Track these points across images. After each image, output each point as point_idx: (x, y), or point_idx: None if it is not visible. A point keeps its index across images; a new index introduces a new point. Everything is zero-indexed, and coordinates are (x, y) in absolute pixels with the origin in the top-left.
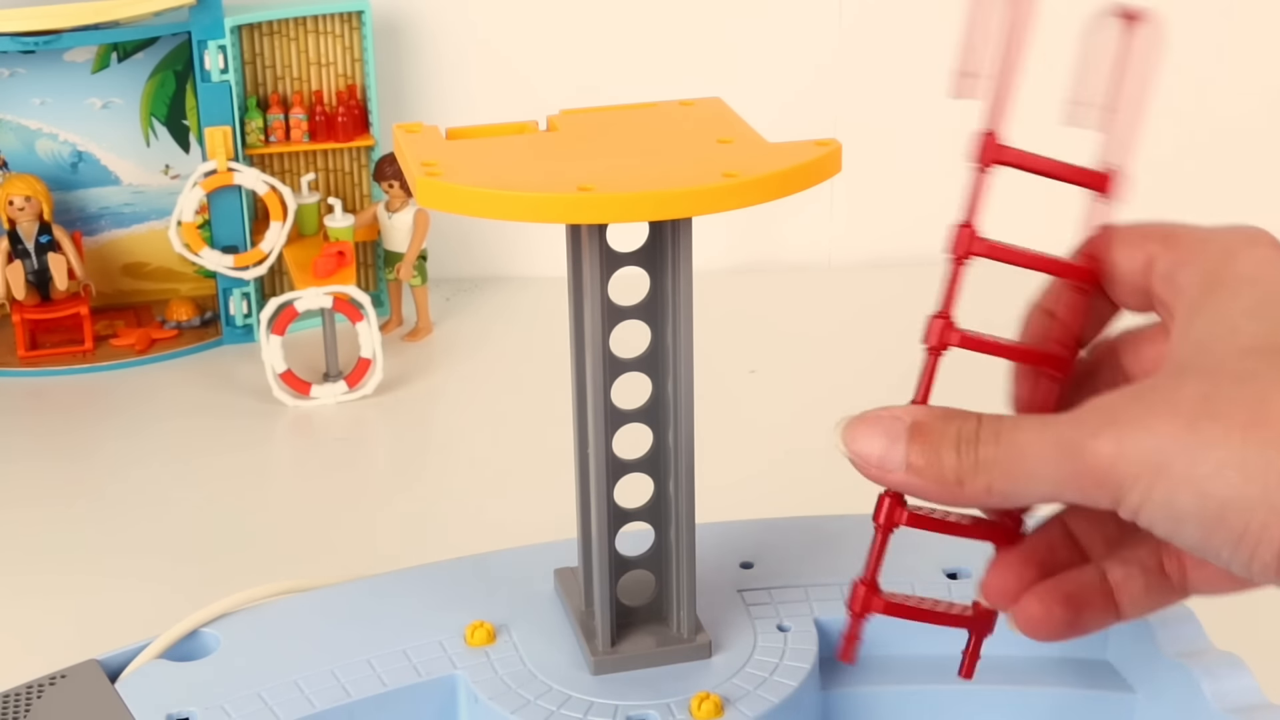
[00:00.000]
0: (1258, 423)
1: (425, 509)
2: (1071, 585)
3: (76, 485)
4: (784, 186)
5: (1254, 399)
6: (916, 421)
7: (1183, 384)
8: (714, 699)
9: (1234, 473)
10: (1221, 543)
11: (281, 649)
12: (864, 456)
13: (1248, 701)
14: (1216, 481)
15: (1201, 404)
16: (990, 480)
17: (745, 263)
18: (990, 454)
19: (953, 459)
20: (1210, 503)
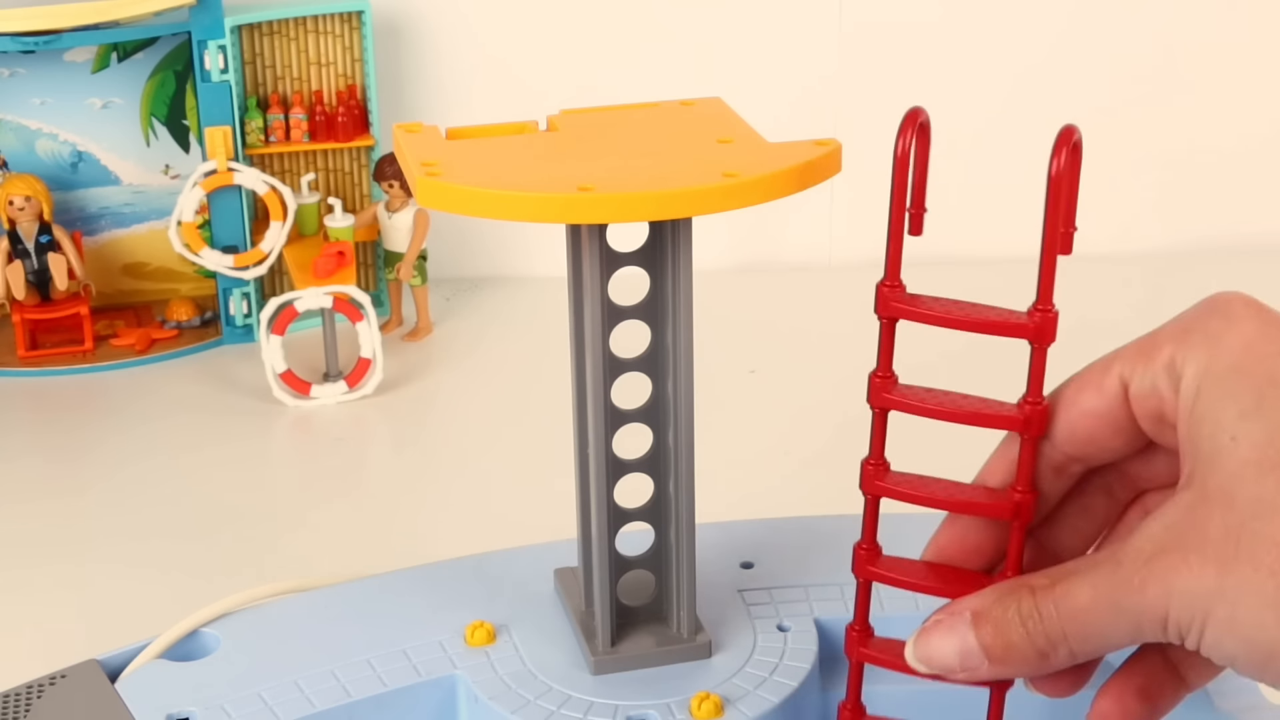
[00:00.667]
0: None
1: (425, 509)
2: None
3: (76, 485)
4: (784, 186)
5: (1276, 538)
6: (975, 611)
7: (1208, 519)
8: (714, 699)
9: (1271, 618)
10: (1275, 678)
11: (281, 649)
12: (947, 668)
13: (1248, 701)
14: (1257, 628)
15: (1229, 544)
16: (1070, 647)
17: (745, 263)
18: (1057, 628)
19: (1024, 638)
20: (1255, 649)
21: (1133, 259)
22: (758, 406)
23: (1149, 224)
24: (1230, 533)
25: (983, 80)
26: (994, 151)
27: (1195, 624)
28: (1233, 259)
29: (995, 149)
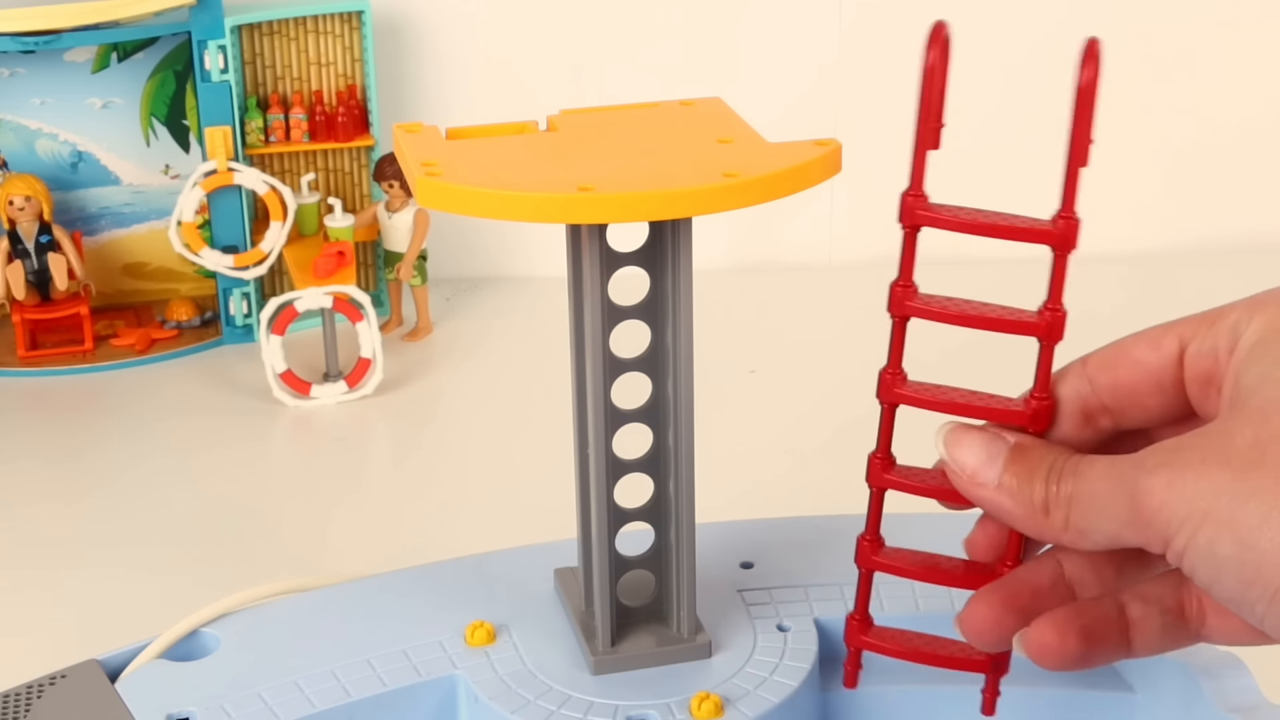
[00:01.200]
0: None
1: (425, 509)
2: (1088, 618)
3: (76, 485)
4: (784, 186)
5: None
6: (1019, 444)
7: (1237, 430)
8: (714, 699)
9: (1277, 525)
10: (1257, 596)
11: (281, 649)
12: (961, 464)
13: (1248, 701)
14: (1259, 533)
15: (1252, 452)
16: (1068, 514)
17: (745, 263)
18: (1069, 488)
19: (1041, 488)
20: (1250, 554)
21: (1133, 258)
22: (758, 406)
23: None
24: (1257, 445)
25: (982, 81)
26: (994, 151)
27: (1190, 522)
28: (1234, 257)
29: (995, 149)
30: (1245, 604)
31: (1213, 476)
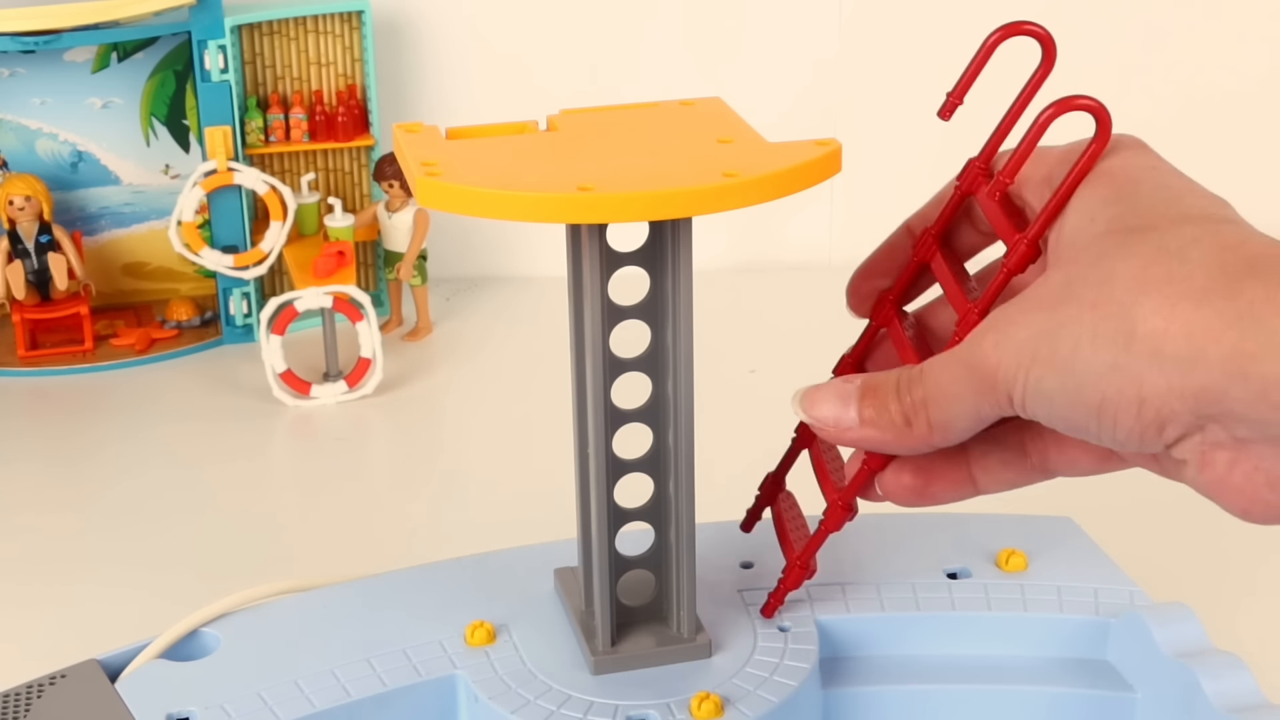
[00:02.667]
0: (1105, 298)
1: (425, 509)
2: (924, 457)
3: (76, 485)
4: (784, 186)
5: (1102, 277)
6: (866, 382)
7: (1050, 274)
8: (714, 699)
9: (1087, 345)
10: (1085, 416)
11: (281, 649)
12: (822, 419)
13: (1248, 701)
14: (1074, 359)
15: (1063, 290)
16: (928, 414)
17: (745, 263)
18: (920, 392)
19: (896, 405)
20: (1070, 379)
21: None
22: (758, 406)
23: None
24: (1066, 280)
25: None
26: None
27: (1022, 369)
28: None
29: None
30: (1080, 428)
31: (1031, 322)
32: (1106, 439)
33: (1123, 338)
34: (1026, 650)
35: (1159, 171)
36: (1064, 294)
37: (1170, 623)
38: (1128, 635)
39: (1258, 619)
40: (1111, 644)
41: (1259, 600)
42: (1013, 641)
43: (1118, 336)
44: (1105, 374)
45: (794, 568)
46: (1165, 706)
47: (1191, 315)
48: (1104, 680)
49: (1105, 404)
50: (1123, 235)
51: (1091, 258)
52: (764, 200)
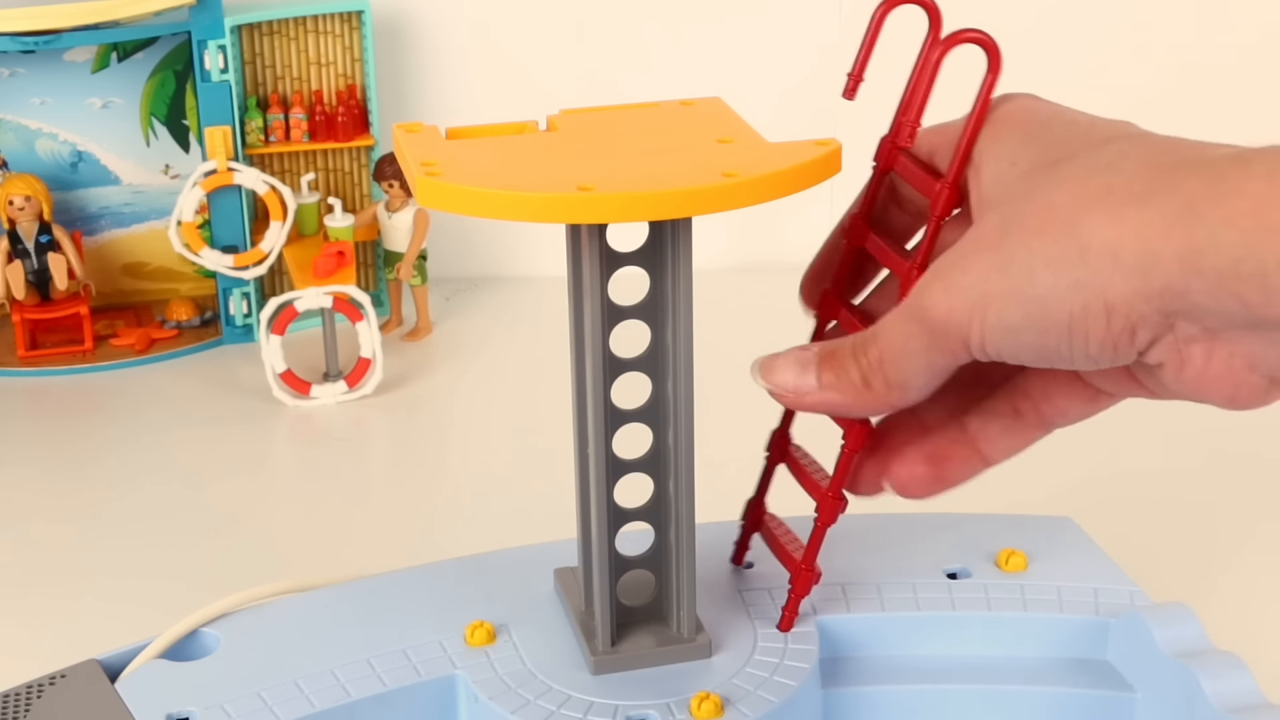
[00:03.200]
0: (1047, 223)
1: (425, 509)
2: (931, 445)
3: (76, 486)
4: (784, 186)
5: (1040, 207)
6: (824, 348)
7: (984, 219)
8: (714, 699)
9: (1042, 271)
10: (1058, 340)
11: (281, 649)
12: (781, 385)
13: (1248, 701)
14: (1030, 285)
15: (1000, 228)
16: (885, 373)
17: (745, 263)
18: (875, 352)
19: (854, 368)
20: (1034, 306)
21: None
22: (758, 406)
23: None
24: (1001, 223)
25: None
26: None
27: (976, 311)
28: None
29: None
30: (1053, 354)
31: (976, 264)
32: (1080, 358)
33: (1076, 254)
34: (1026, 650)
35: (1064, 111)
36: (1004, 230)
37: (1170, 623)
38: (1128, 635)
39: (1258, 619)
40: (1111, 644)
41: (1259, 600)
42: (1013, 641)
43: (1070, 254)
44: (1068, 293)
45: (801, 573)
46: (1165, 706)
47: (1139, 217)
48: (1104, 680)
49: (1074, 322)
50: (1049, 168)
51: (1022, 193)
52: (764, 200)
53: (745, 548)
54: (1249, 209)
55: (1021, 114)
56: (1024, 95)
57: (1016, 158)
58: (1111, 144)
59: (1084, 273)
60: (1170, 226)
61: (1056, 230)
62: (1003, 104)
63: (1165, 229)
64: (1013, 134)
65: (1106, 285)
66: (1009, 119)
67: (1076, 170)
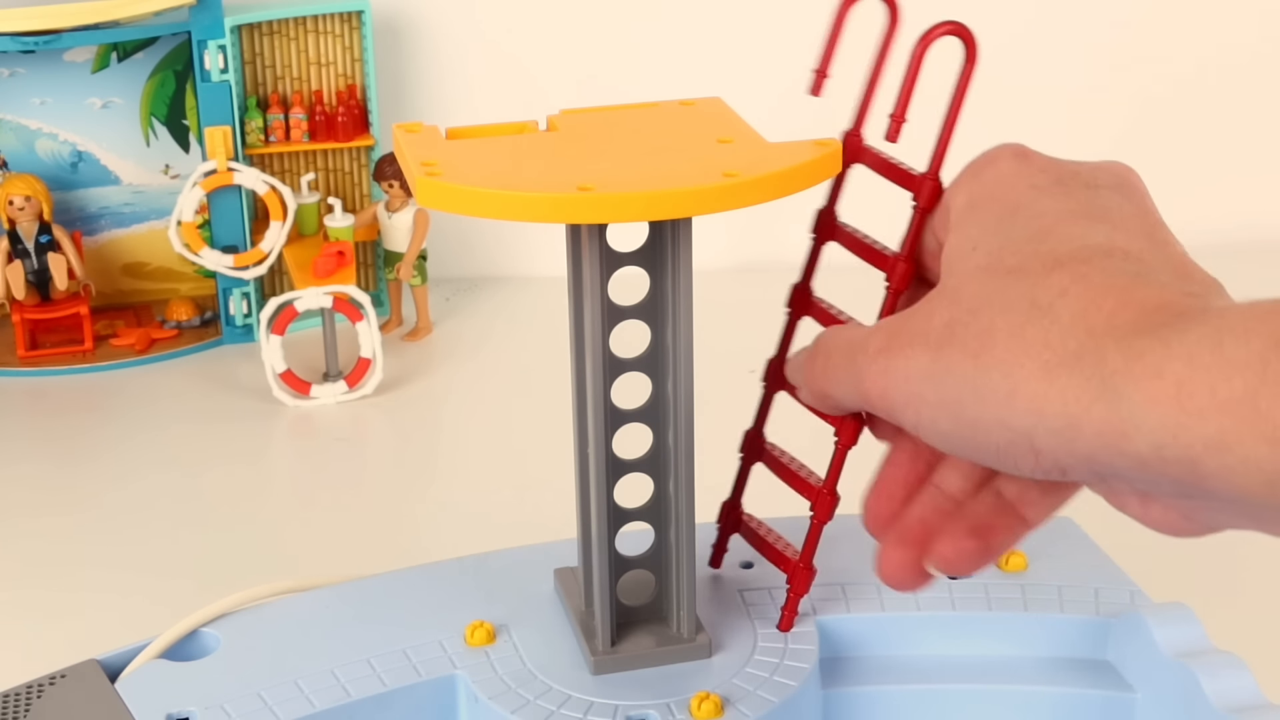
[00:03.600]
0: (984, 351)
1: (425, 509)
2: (973, 517)
3: (76, 486)
4: (784, 186)
5: (983, 328)
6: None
7: (936, 309)
8: (714, 699)
9: (972, 400)
10: (988, 455)
11: (281, 649)
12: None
13: (1248, 701)
14: (962, 407)
15: (945, 331)
16: (818, 385)
17: (745, 263)
18: (820, 364)
19: (808, 365)
20: (963, 427)
21: None
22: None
23: None
24: (949, 323)
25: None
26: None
27: (910, 406)
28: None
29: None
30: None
31: (916, 360)
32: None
33: (1005, 396)
34: (1026, 650)
35: (1039, 191)
36: (946, 336)
37: (1170, 623)
38: (1128, 635)
39: (1258, 619)
40: (1111, 644)
41: (1259, 600)
42: (1013, 641)
43: (1000, 395)
44: (995, 427)
45: (799, 572)
46: (1165, 706)
47: (1066, 383)
48: (1104, 680)
49: (1001, 451)
50: (1000, 278)
51: (971, 300)
52: (764, 200)
53: (723, 550)
54: (1170, 393)
55: (995, 194)
56: (1007, 159)
57: (978, 242)
58: (1059, 272)
59: (1010, 416)
60: (1094, 400)
61: (992, 364)
62: (985, 170)
63: (1089, 402)
64: (981, 215)
65: (1032, 434)
66: (982, 199)
67: (1021, 301)
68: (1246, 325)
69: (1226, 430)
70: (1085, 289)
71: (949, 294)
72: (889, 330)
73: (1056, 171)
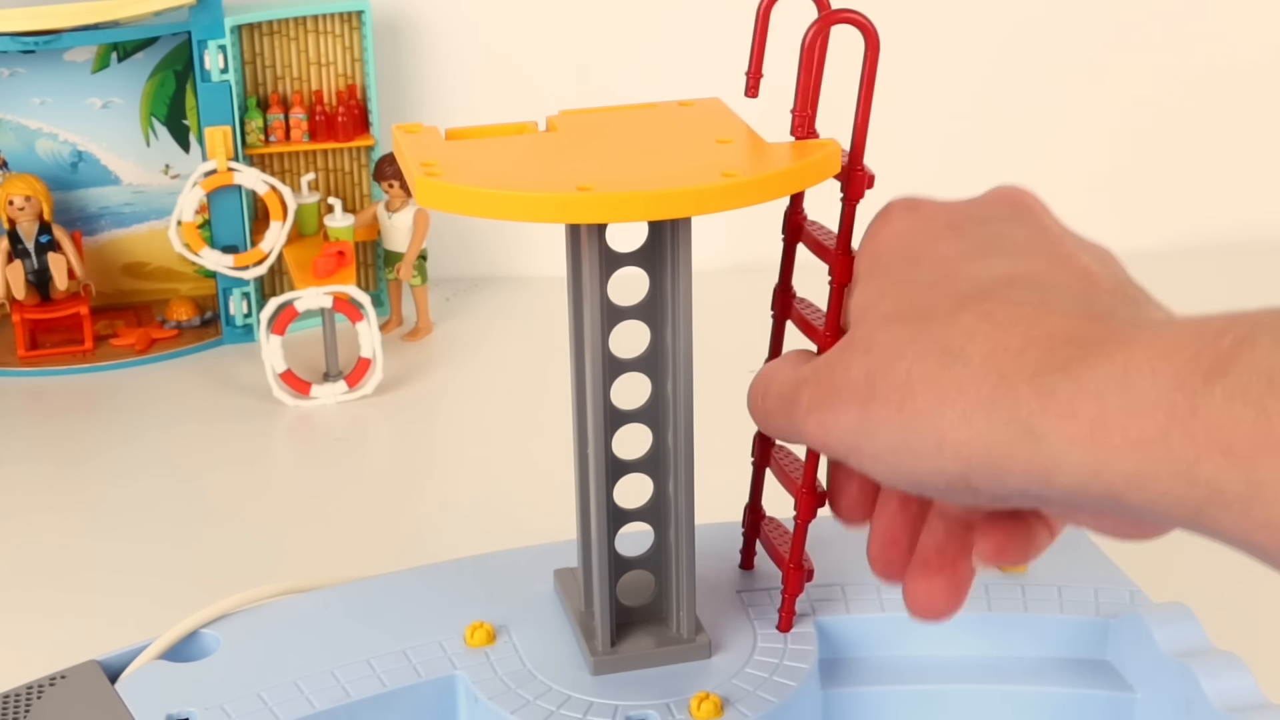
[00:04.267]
0: (908, 402)
1: (425, 509)
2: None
3: (76, 486)
4: (784, 186)
5: (901, 379)
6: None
7: (854, 361)
8: (714, 699)
9: (905, 453)
10: (934, 494)
11: (281, 649)
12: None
13: (1248, 701)
14: (897, 460)
15: (866, 386)
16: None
17: (745, 263)
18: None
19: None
20: (901, 476)
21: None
22: None
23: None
24: (867, 376)
25: (980, 81)
26: (987, 150)
27: (852, 455)
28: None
29: (988, 147)
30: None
31: (845, 416)
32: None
33: (934, 447)
34: (1026, 650)
35: (936, 239)
36: (868, 390)
37: (1170, 623)
38: (1128, 635)
39: (1258, 619)
40: (1111, 644)
41: (1259, 600)
42: (1013, 641)
43: (929, 446)
44: (931, 473)
45: (790, 572)
46: (1165, 706)
47: (986, 428)
48: (1104, 680)
49: (944, 491)
50: (910, 324)
51: (885, 350)
52: (764, 200)
53: (752, 552)
54: (1085, 433)
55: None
56: (899, 214)
57: (884, 291)
58: (965, 313)
59: (942, 463)
60: (1015, 443)
61: (915, 416)
62: (881, 230)
63: (1011, 445)
64: (885, 269)
65: (966, 475)
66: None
67: (933, 347)
68: (1152, 363)
69: (1143, 468)
70: (992, 328)
71: (861, 344)
72: (815, 384)
73: (948, 216)
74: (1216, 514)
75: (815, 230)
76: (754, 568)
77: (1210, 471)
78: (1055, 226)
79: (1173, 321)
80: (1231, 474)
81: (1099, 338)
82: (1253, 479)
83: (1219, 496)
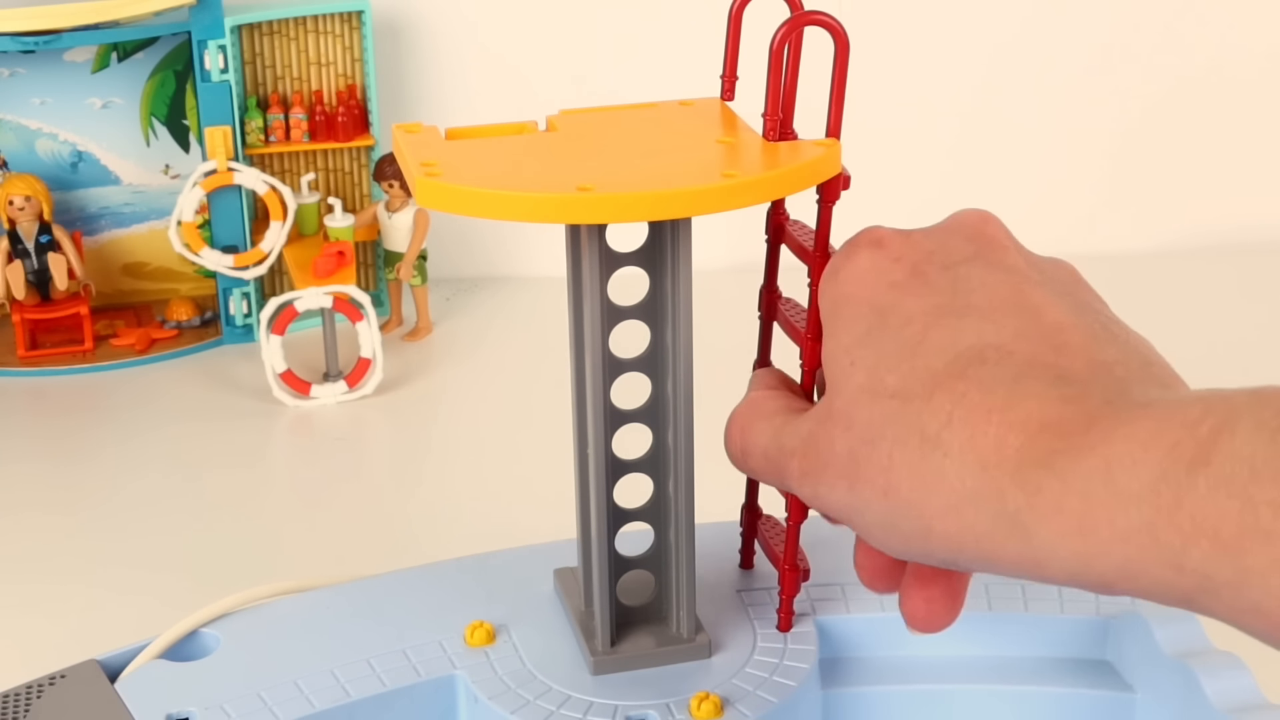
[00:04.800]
0: (891, 487)
1: (425, 509)
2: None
3: (76, 486)
4: (784, 186)
5: (883, 463)
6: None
7: (835, 437)
8: (714, 699)
9: (893, 532)
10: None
11: (281, 649)
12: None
13: (1248, 701)
14: (885, 536)
15: (851, 464)
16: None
17: (745, 263)
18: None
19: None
20: (893, 550)
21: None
22: None
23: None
24: (851, 454)
25: (979, 81)
26: (986, 151)
27: (847, 524)
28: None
29: (988, 149)
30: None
31: (835, 490)
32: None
33: (922, 533)
34: (1026, 650)
35: (899, 291)
36: (853, 469)
37: (1170, 623)
38: (1128, 635)
39: None
40: (1111, 644)
41: None
42: (1013, 641)
43: (917, 532)
44: (921, 553)
45: (785, 573)
46: (1165, 706)
47: (974, 521)
48: (1104, 680)
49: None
50: (884, 402)
51: (864, 430)
52: (764, 200)
53: (751, 551)
54: (1073, 527)
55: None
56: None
57: (854, 356)
58: (940, 394)
59: (932, 549)
60: (1005, 538)
61: (900, 503)
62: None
63: (1001, 540)
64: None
65: (956, 560)
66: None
67: (912, 433)
68: (1133, 455)
69: (1132, 559)
70: (967, 413)
71: (842, 419)
72: (804, 456)
73: (912, 258)
74: (1208, 600)
75: (797, 231)
76: (754, 567)
77: (1198, 560)
78: (1018, 263)
79: (1149, 404)
80: (1220, 562)
81: (1078, 426)
82: (1241, 565)
83: (1209, 582)
